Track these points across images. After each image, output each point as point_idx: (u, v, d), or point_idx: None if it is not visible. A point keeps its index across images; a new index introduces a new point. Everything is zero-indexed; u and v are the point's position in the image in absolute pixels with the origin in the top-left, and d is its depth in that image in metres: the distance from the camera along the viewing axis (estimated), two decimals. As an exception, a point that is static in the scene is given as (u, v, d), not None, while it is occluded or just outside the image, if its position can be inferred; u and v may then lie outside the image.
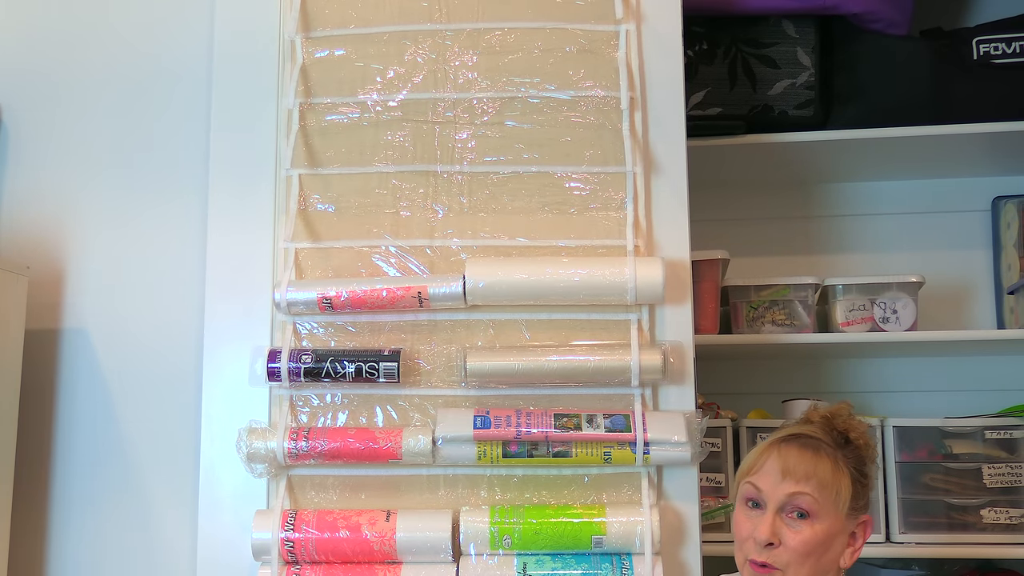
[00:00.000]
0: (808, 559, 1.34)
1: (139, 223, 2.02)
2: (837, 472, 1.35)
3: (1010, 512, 2.04)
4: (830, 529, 1.34)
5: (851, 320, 2.16)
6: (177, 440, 1.92)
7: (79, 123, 2.07)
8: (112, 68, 2.07)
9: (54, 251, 2.02)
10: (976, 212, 2.39)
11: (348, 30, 1.86)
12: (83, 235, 2.03)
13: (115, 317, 1.99)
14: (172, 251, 1.99)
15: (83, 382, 1.98)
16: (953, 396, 2.31)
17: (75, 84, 2.08)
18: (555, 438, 1.65)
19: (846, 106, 2.19)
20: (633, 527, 1.63)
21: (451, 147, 1.81)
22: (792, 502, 1.35)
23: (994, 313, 2.36)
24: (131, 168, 2.04)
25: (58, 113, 2.08)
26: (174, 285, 1.98)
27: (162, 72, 2.06)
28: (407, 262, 1.78)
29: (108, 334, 1.99)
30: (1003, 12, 2.31)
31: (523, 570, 1.63)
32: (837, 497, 1.34)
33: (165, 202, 2.01)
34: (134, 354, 1.97)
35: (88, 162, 2.05)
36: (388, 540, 1.64)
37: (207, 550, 1.75)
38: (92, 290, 2.01)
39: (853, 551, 1.37)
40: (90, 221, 2.03)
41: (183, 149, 2.02)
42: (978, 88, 2.14)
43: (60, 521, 1.95)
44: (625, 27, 1.82)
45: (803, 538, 1.34)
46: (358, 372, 1.70)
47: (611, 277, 1.68)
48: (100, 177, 2.04)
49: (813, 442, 1.39)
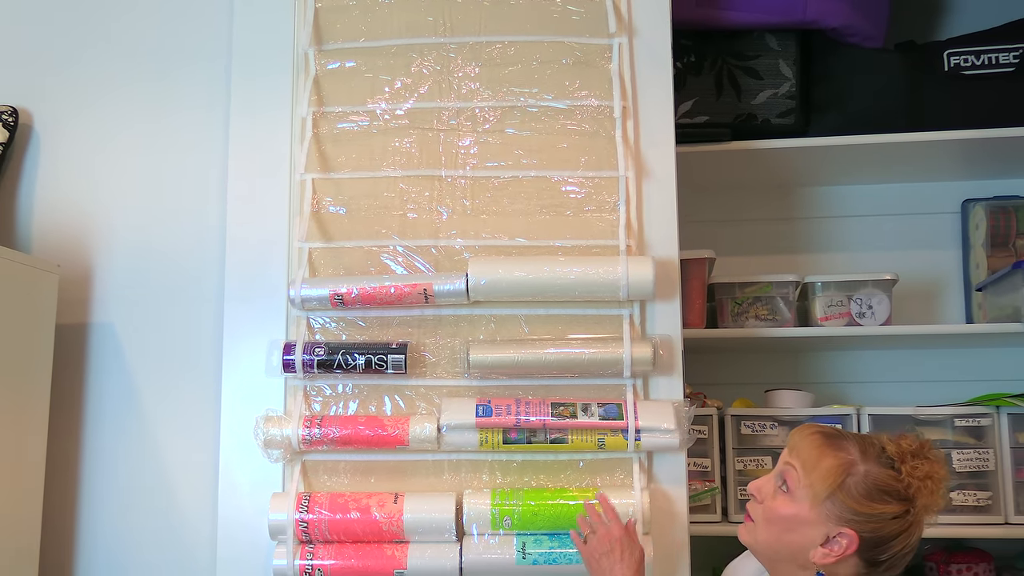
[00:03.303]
0: (771, 527, 1.32)
1: (161, 225, 2.02)
2: (829, 468, 1.28)
3: (978, 494, 2.04)
4: (799, 513, 1.29)
5: (829, 315, 2.16)
6: (198, 427, 1.92)
7: (105, 131, 2.07)
8: (135, 81, 2.08)
9: (83, 251, 2.03)
10: (946, 214, 2.39)
11: (358, 43, 1.87)
12: (110, 236, 2.03)
13: (139, 312, 1.99)
14: (193, 251, 1.99)
15: (110, 373, 1.98)
16: (925, 386, 2.31)
17: (101, 95, 2.08)
18: (552, 426, 1.66)
19: (825, 114, 2.19)
20: (625, 509, 1.63)
21: (455, 153, 1.82)
22: (782, 471, 1.34)
23: (963, 309, 2.36)
24: (154, 174, 2.04)
25: (85, 121, 2.08)
26: (195, 283, 1.98)
27: (183, 84, 2.06)
28: (413, 261, 1.78)
29: (133, 328, 1.99)
30: (973, 26, 2.30)
31: (522, 549, 1.63)
32: (811, 487, 1.28)
33: (185, 205, 2.02)
34: (157, 346, 1.98)
35: (114, 168, 2.05)
36: (396, 521, 1.64)
37: (227, 530, 1.75)
38: (118, 287, 2.01)
39: (827, 553, 1.27)
40: (116, 223, 2.03)
41: (202, 157, 2.02)
42: (949, 97, 2.14)
43: (89, 502, 1.95)
44: (618, 40, 1.82)
45: (773, 504, 1.32)
46: (368, 364, 1.71)
47: (605, 275, 1.68)
48: (125, 182, 2.04)
49: (836, 440, 1.31)
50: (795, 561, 1.31)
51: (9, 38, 2.13)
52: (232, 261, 1.83)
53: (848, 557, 1.28)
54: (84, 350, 1.99)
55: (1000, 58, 2.13)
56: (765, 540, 1.34)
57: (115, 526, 1.94)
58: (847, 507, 1.27)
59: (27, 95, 2.09)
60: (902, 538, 1.28)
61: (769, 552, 1.35)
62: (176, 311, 1.98)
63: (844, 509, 1.27)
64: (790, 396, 2.19)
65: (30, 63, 2.11)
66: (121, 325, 1.99)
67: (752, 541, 1.36)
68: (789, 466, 1.33)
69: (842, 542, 1.27)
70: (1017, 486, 2.05)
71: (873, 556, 1.28)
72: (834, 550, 1.27)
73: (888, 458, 1.29)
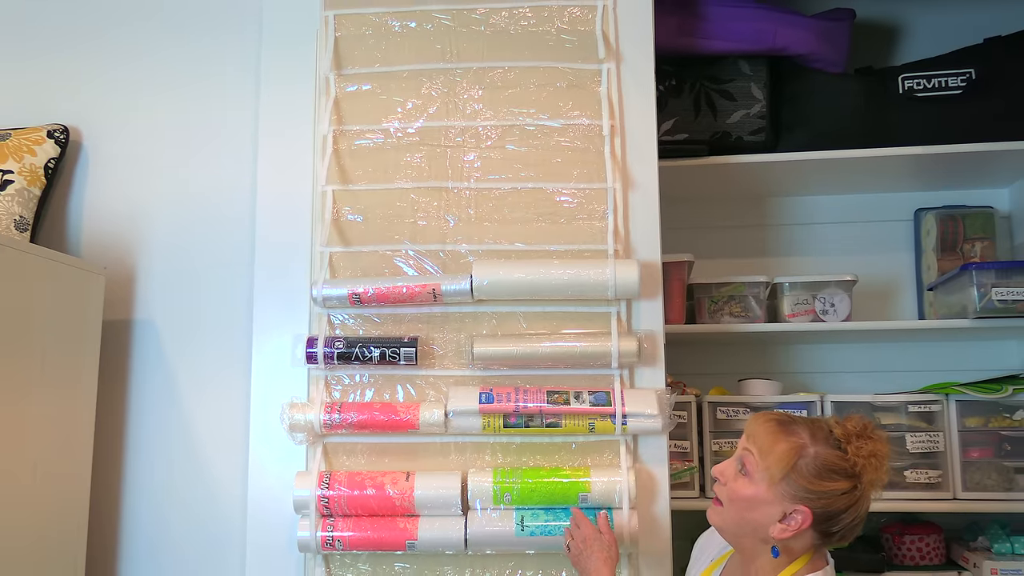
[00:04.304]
0: (733, 505, 1.32)
1: (197, 232, 2.01)
2: (782, 452, 1.28)
3: (929, 473, 2.04)
4: (757, 493, 1.29)
5: (796, 312, 2.15)
6: (230, 413, 1.92)
7: (145, 149, 2.07)
8: (171, 107, 2.08)
9: (127, 254, 2.02)
10: (901, 222, 2.38)
11: (374, 69, 1.86)
12: (151, 242, 2.03)
13: (177, 309, 1.99)
14: (225, 255, 1.99)
15: (151, 364, 1.98)
16: (881, 376, 2.30)
17: (141, 118, 2.08)
18: (548, 411, 1.65)
19: (792, 132, 2.18)
20: (613, 486, 1.63)
21: (460, 167, 1.81)
22: (741, 456, 1.33)
23: (916, 306, 2.35)
24: (190, 187, 2.04)
25: (129, 138, 2.08)
26: (227, 283, 1.98)
27: (214, 110, 2.06)
28: (423, 263, 1.77)
29: (172, 324, 1.99)
30: (925, 53, 2.30)
31: (521, 522, 1.63)
32: (768, 470, 1.28)
33: (218, 214, 2.01)
34: (194, 341, 1.98)
35: (153, 181, 2.05)
36: (407, 497, 1.64)
37: (256, 505, 1.75)
38: (159, 287, 2.01)
39: (784, 528, 1.27)
40: (156, 230, 2.03)
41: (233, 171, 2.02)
42: (903, 117, 2.13)
43: (132, 479, 1.96)
44: (607, 66, 1.82)
45: (735, 486, 1.31)
46: (382, 356, 1.70)
47: (594, 276, 1.68)
48: (164, 194, 2.04)
49: (788, 426, 1.31)
50: (757, 536, 1.31)
51: (63, 63, 2.13)
52: (261, 263, 1.83)
53: (804, 531, 1.27)
54: (128, 344, 1.99)
55: (949, 82, 2.13)
56: (729, 519, 1.33)
57: (156, 501, 1.94)
58: (800, 486, 1.26)
59: (77, 114, 2.09)
60: (851, 511, 1.28)
61: (734, 529, 1.34)
62: (210, 308, 1.98)
63: (797, 488, 1.27)
64: (761, 385, 2.18)
65: (80, 86, 2.11)
66: (161, 321, 1.99)
67: (719, 521, 1.36)
68: (747, 451, 1.32)
69: (797, 518, 1.27)
70: (964, 465, 2.04)
71: (826, 528, 1.28)
72: (791, 525, 1.27)
73: (835, 440, 1.28)
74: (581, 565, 1.48)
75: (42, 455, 1.68)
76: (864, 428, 1.29)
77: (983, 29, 2.25)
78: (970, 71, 2.12)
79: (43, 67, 2.13)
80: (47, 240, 2.02)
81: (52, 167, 1.97)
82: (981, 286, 1.98)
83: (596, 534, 1.50)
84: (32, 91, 2.12)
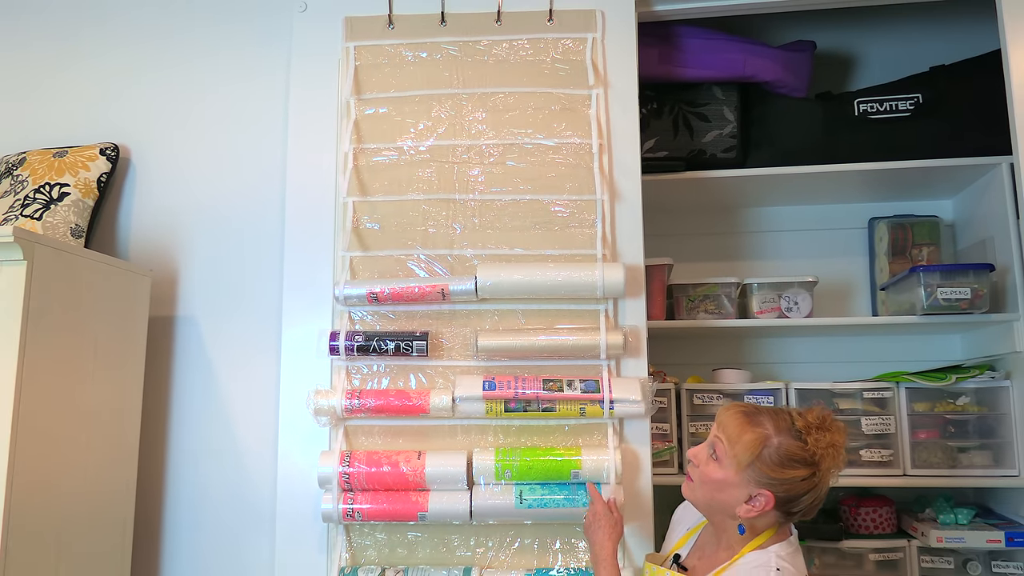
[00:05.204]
0: (705, 486, 1.32)
1: (233, 237, 2.01)
2: (749, 442, 1.27)
3: (881, 452, 2.05)
4: (726, 477, 1.29)
5: (763, 309, 2.16)
6: (262, 399, 1.92)
7: (186, 162, 2.07)
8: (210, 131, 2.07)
9: (171, 257, 2.03)
10: (856, 229, 2.39)
11: (389, 93, 1.87)
12: (191, 246, 2.02)
13: (216, 306, 1.99)
14: (258, 258, 1.99)
15: (192, 356, 1.98)
16: (839, 366, 2.31)
17: (183, 135, 2.08)
18: (544, 397, 1.66)
19: (760, 150, 2.19)
20: (602, 463, 1.63)
21: (466, 181, 1.82)
22: (712, 443, 1.34)
23: (870, 304, 2.36)
24: (226, 198, 2.03)
25: (172, 156, 2.08)
26: (260, 283, 1.97)
27: (249, 134, 2.05)
28: (433, 266, 1.79)
29: (211, 319, 1.99)
30: (878, 79, 2.32)
31: (519, 496, 1.64)
32: (735, 457, 1.28)
33: (252, 221, 2.01)
34: (231, 336, 1.97)
35: (193, 192, 2.05)
36: (419, 473, 1.65)
37: (285, 481, 1.76)
38: (199, 287, 2.00)
39: (749, 508, 1.27)
40: (196, 235, 2.03)
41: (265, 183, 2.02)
42: (858, 137, 2.14)
43: (175, 459, 1.95)
44: (595, 91, 1.83)
45: (706, 469, 1.32)
46: (396, 348, 1.71)
47: (585, 278, 1.69)
48: (203, 204, 2.04)
49: (754, 417, 1.32)
50: (725, 513, 1.32)
51: (116, 86, 2.13)
52: (289, 266, 1.83)
53: (767, 511, 1.28)
54: (172, 338, 1.99)
55: (899, 105, 2.14)
56: (701, 496, 1.34)
57: (196, 478, 1.94)
58: (764, 473, 1.27)
59: (126, 132, 2.09)
60: (811, 495, 1.28)
61: (704, 505, 1.35)
62: (245, 306, 1.98)
63: (761, 475, 1.27)
64: (732, 374, 2.19)
65: (129, 108, 2.11)
66: (202, 317, 1.99)
67: (692, 497, 1.37)
68: (717, 439, 1.32)
69: (761, 500, 1.27)
70: (913, 445, 2.06)
71: (787, 509, 1.29)
72: (755, 506, 1.28)
73: (797, 431, 1.28)
74: (590, 536, 1.49)
75: (96, 429, 1.69)
76: (823, 420, 1.29)
77: (929, 59, 2.27)
78: (918, 96, 2.13)
79: (99, 89, 2.13)
80: (99, 245, 2.02)
81: (104, 181, 1.98)
82: (928, 286, 1.99)
83: (607, 511, 1.50)
84: (88, 111, 2.11)
